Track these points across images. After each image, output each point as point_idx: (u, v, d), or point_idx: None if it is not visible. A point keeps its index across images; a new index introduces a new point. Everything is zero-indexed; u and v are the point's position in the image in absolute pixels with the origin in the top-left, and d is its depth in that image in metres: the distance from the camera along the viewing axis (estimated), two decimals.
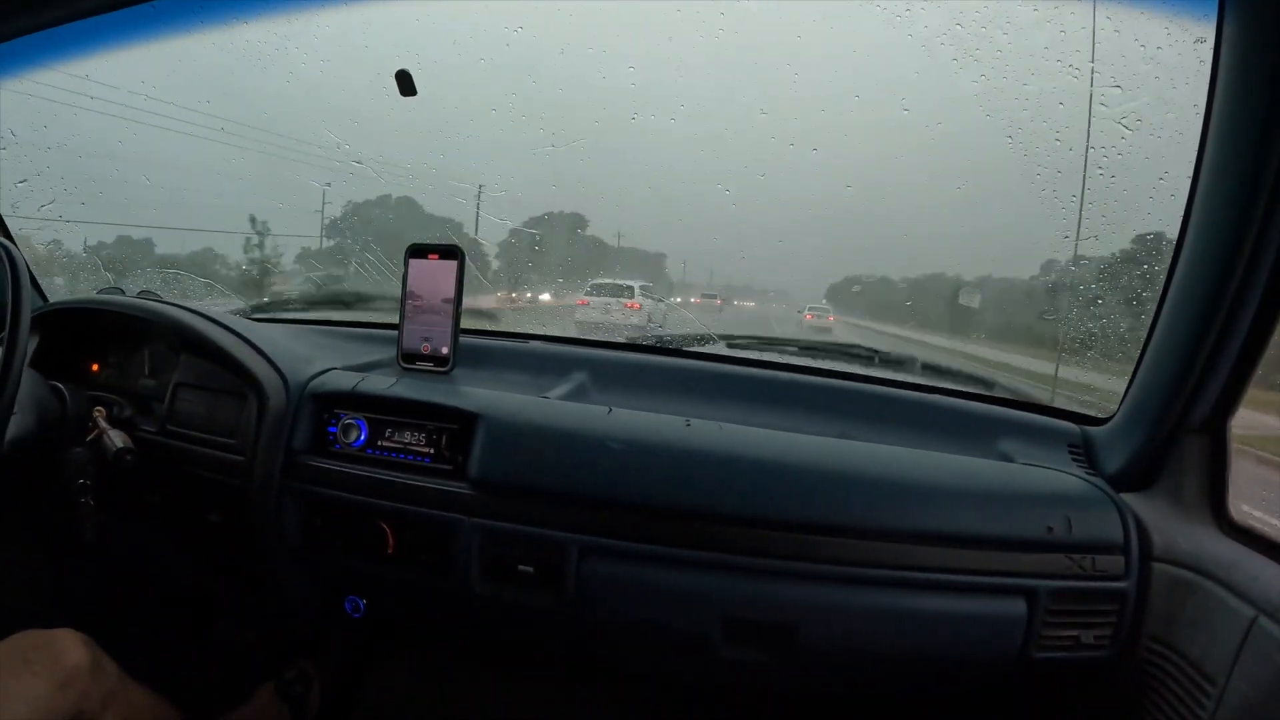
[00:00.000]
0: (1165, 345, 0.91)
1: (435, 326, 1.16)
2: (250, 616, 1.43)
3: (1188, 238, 0.87)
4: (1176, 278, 0.89)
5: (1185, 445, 0.91)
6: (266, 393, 1.06)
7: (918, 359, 1.25)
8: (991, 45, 1.05)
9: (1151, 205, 0.97)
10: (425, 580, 0.99)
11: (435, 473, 0.99)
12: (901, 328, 2.13)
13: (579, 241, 2.61)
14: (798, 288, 2.72)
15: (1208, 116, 0.83)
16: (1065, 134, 1.07)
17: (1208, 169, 0.84)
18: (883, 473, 0.92)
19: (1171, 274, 0.90)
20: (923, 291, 1.87)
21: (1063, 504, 0.90)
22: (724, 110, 1.43)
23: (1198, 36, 0.82)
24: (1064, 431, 1.08)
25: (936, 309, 1.83)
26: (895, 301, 2.19)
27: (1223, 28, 0.80)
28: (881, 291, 2.24)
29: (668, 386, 1.23)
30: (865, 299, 2.41)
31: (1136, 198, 1.01)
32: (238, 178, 2.03)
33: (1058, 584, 0.87)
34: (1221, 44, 0.80)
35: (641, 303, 2.68)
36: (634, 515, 0.90)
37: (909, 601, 0.87)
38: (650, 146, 1.59)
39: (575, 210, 2.46)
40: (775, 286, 2.88)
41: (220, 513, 1.09)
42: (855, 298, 2.48)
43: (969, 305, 1.56)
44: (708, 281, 3.16)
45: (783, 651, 0.89)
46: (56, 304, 1.30)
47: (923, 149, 1.28)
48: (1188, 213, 0.87)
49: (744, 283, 3.08)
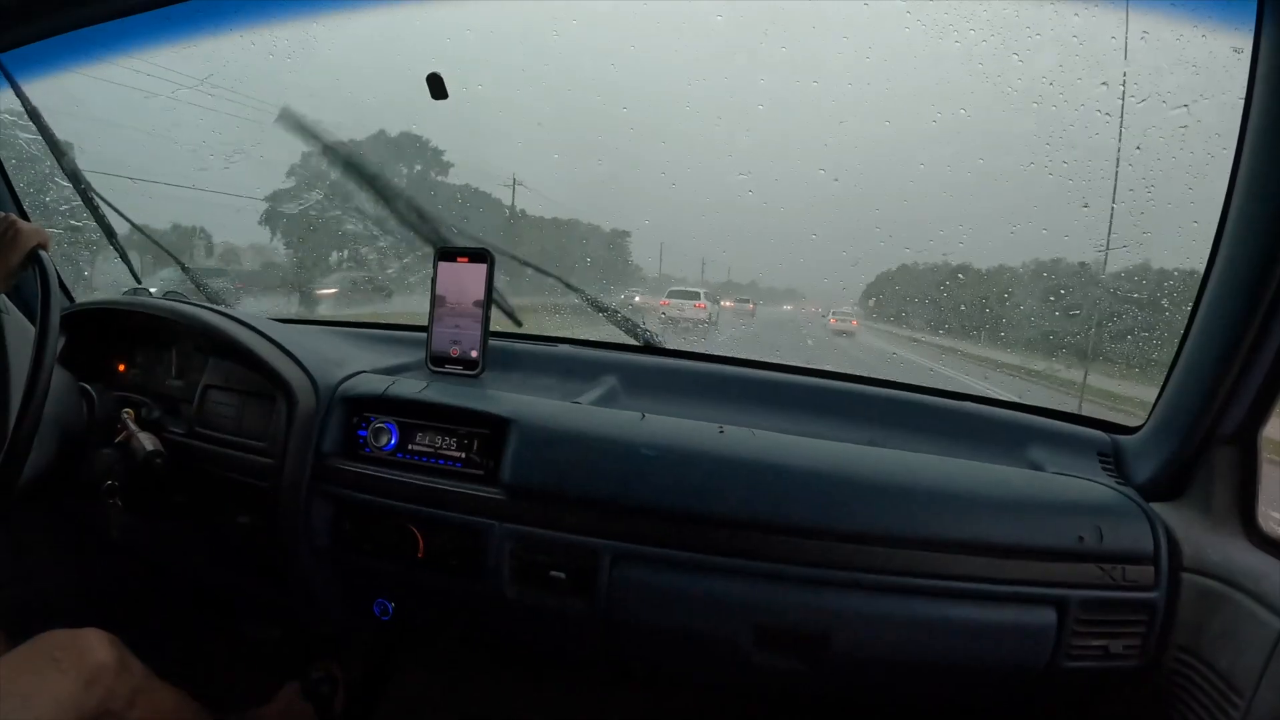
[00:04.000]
0: (1197, 356, 0.91)
1: (464, 329, 1.17)
2: (276, 617, 1.44)
3: (1222, 248, 0.87)
4: (1210, 288, 0.89)
5: (1216, 456, 0.91)
6: (296, 395, 1.06)
7: (929, 387, 1.24)
8: (1026, 54, 1.05)
9: (1186, 215, 0.97)
10: (455, 584, 1.00)
11: (467, 477, 1.00)
12: (925, 333, 2.13)
13: (618, 248, 2.96)
14: (823, 291, 2.80)
15: (1244, 127, 0.83)
16: (1099, 144, 1.07)
17: (1243, 179, 0.83)
18: (913, 481, 0.92)
19: (1205, 284, 0.90)
20: (950, 299, 1.87)
21: (1093, 513, 0.90)
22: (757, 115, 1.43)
23: (1235, 46, 0.82)
24: (1094, 440, 1.08)
25: (964, 316, 1.82)
26: (922, 308, 2.20)
27: (1260, 38, 0.80)
28: (908, 297, 2.24)
29: (697, 391, 1.23)
30: (892, 305, 2.42)
31: (1171, 208, 1.01)
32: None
33: (1088, 594, 0.87)
34: (1259, 55, 0.80)
35: (705, 304, 3.22)
36: (667, 522, 0.91)
37: (940, 610, 0.87)
38: (683, 152, 1.59)
39: (611, 218, 2.71)
40: (803, 290, 2.97)
41: (249, 514, 1.10)
42: (881, 303, 2.51)
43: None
44: (734, 285, 3.40)
45: (814, 659, 0.90)
46: (83, 304, 1.30)
47: (954, 158, 1.28)
48: (1222, 222, 0.87)
49: (780, 286, 3.20)
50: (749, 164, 1.52)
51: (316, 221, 2.84)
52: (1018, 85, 1.09)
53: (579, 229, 2.85)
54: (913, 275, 2.10)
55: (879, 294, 2.38)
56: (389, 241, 2.24)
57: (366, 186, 1.31)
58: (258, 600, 1.34)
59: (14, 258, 0.96)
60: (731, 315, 3.20)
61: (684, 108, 1.55)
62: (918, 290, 2.05)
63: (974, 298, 1.73)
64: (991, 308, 1.60)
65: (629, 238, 3.01)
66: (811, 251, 1.58)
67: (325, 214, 2.53)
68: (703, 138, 1.52)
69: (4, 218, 0.97)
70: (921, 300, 2.01)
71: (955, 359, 1.38)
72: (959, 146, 1.23)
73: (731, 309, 3.29)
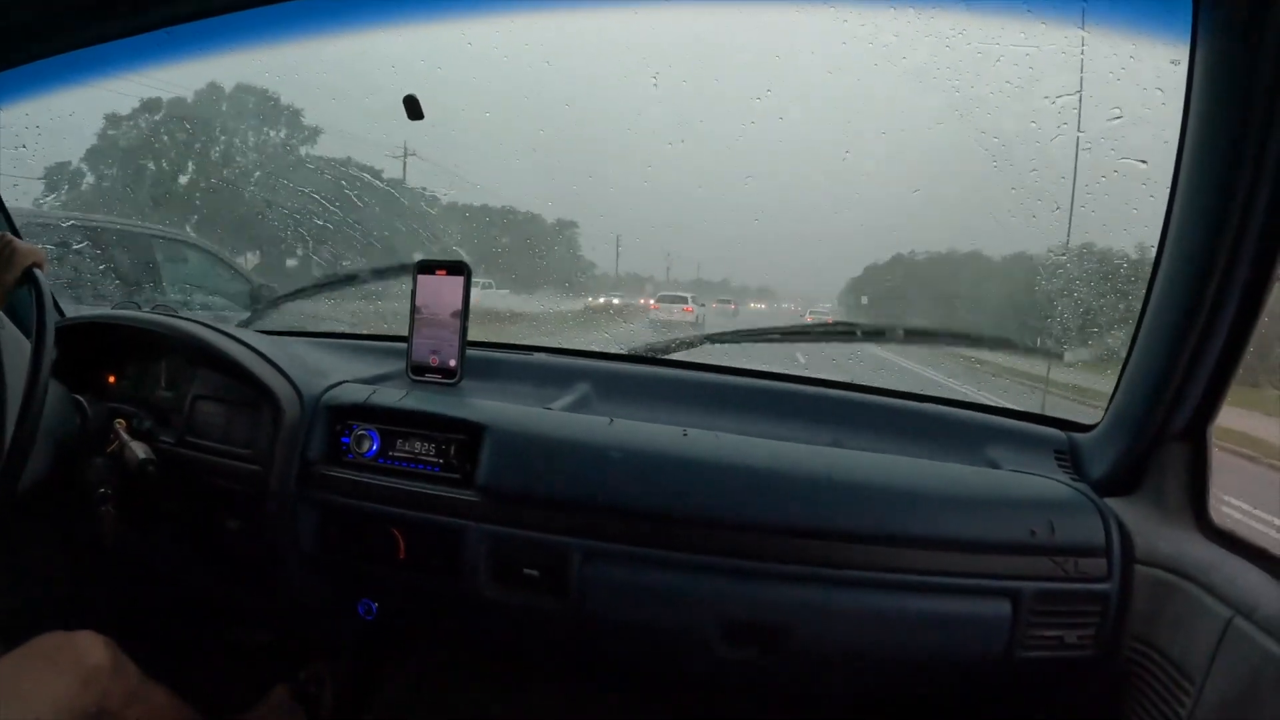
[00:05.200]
0: (1147, 353, 0.94)
1: (443, 340, 1.20)
2: (265, 620, 1.47)
3: (1166, 248, 0.90)
4: (1156, 288, 0.92)
5: (1168, 451, 0.94)
6: (281, 405, 1.10)
7: (899, 327, 1.29)
8: (980, 66, 1.09)
9: (1136, 218, 1.00)
10: (435, 584, 1.03)
11: (444, 481, 1.03)
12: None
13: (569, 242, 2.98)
14: (796, 290, 2.86)
15: (1183, 132, 0.86)
16: (1053, 153, 1.10)
17: (1184, 182, 0.87)
18: (872, 479, 0.95)
19: (1152, 284, 0.93)
20: (922, 298, 1.90)
21: (1046, 509, 0.93)
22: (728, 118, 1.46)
23: (1172, 58, 0.86)
24: (1050, 438, 1.11)
25: (934, 313, 1.85)
26: (897, 308, 2.23)
27: (1195, 50, 0.83)
28: (883, 296, 2.28)
29: (667, 397, 1.26)
30: (870, 305, 2.47)
31: (1122, 211, 1.04)
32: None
33: (1041, 585, 0.90)
34: (1195, 65, 0.83)
35: (693, 307, 3.36)
36: (634, 521, 0.94)
37: (898, 602, 0.90)
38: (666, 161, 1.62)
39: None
40: (775, 289, 3.04)
41: (238, 520, 1.13)
42: (858, 301, 2.56)
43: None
44: (704, 283, 3.46)
45: (777, 651, 0.93)
46: (73, 319, 1.34)
47: (917, 165, 1.32)
48: (1166, 224, 0.90)
49: (754, 284, 3.28)
50: (722, 164, 1.56)
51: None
52: (973, 94, 1.12)
53: (523, 221, 2.79)
54: (881, 274, 2.13)
55: (862, 292, 2.42)
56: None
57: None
58: (247, 604, 1.37)
59: (9, 275, 0.99)
60: (715, 315, 3.28)
61: (647, 110, 1.58)
62: (891, 289, 2.08)
63: (941, 294, 1.76)
64: (959, 305, 1.63)
65: (576, 228, 3.02)
66: (786, 251, 1.61)
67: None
68: (672, 139, 1.54)
69: (1, 236, 1.01)
70: (895, 298, 2.04)
71: (925, 354, 1.41)
72: (921, 152, 1.27)
73: (716, 310, 3.38)
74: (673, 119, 1.58)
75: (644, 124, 1.65)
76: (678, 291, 3.41)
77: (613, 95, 1.60)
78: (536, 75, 1.51)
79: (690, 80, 1.46)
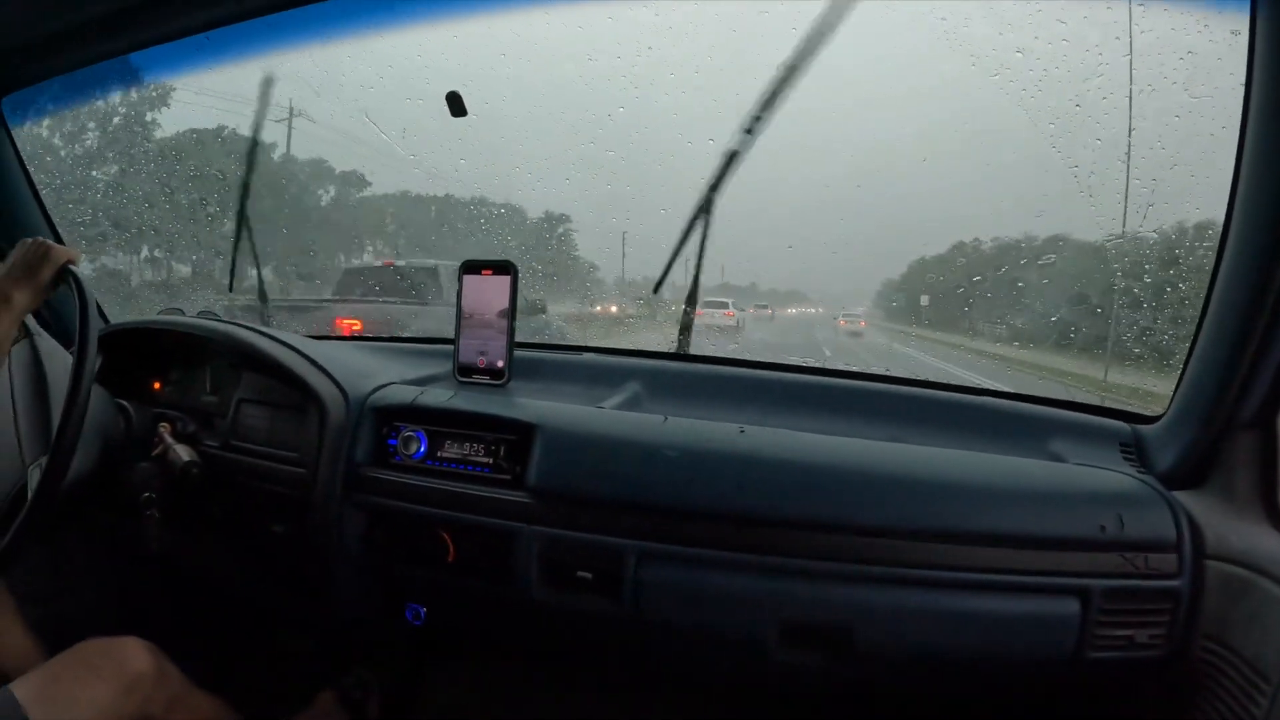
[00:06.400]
0: (1213, 340, 0.91)
1: (490, 340, 1.19)
2: (311, 625, 1.47)
3: (1232, 230, 0.87)
4: (1222, 271, 0.89)
5: (1236, 441, 0.90)
6: (327, 407, 1.10)
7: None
8: (1031, 49, 1.06)
9: (1198, 200, 0.97)
10: (485, 587, 1.02)
11: (494, 482, 1.02)
12: (935, 331, 2.12)
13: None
14: (827, 293, 2.86)
15: (1246, 108, 0.83)
16: (1106, 135, 1.08)
17: (1249, 158, 0.84)
18: (935, 475, 0.93)
19: (1217, 268, 0.90)
20: (962, 297, 1.86)
21: (1114, 503, 0.90)
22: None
23: (1232, 29, 0.83)
24: (1115, 430, 1.08)
25: (975, 313, 1.82)
26: (932, 307, 2.20)
27: (1256, 18, 0.80)
28: (918, 297, 2.26)
29: (719, 395, 1.24)
30: (905, 307, 2.45)
31: (1183, 194, 1.01)
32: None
33: (1111, 583, 0.87)
34: (1256, 35, 0.81)
35: (733, 312, 3.50)
36: (690, 521, 0.92)
37: (963, 602, 0.88)
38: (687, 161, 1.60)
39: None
40: (806, 293, 3.06)
41: (283, 524, 1.13)
42: (893, 303, 2.54)
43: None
44: (730, 288, 3.53)
45: (838, 654, 0.91)
46: (119, 325, 1.35)
47: (963, 155, 1.29)
48: (1230, 205, 0.87)
49: (782, 288, 3.31)
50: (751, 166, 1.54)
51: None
52: (1022, 79, 1.09)
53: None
54: (923, 275, 2.10)
55: (897, 294, 2.39)
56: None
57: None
58: (293, 609, 1.37)
59: (45, 273, 0.99)
60: (752, 320, 3.36)
61: (677, 109, 1.56)
62: (933, 289, 2.05)
63: (989, 290, 1.72)
64: (1007, 301, 1.59)
65: (569, 221, 3.00)
66: (817, 254, 1.59)
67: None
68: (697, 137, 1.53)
69: (37, 241, 1.01)
70: (941, 296, 2.00)
71: (967, 356, 1.39)
72: (962, 143, 1.24)
73: (753, 315, 3.46)
74: (696, 116, 1.56)
75: (665, 121, 1.64)
76: (720, 298, 3.49)
77: (641, 94, 1.58)
78: (564, 74, 1.50)
79: (721, 75, 1.44)
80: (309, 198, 2.35)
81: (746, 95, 1.25)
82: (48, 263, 1.00)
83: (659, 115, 1.62)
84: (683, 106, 1.57)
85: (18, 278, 0.98)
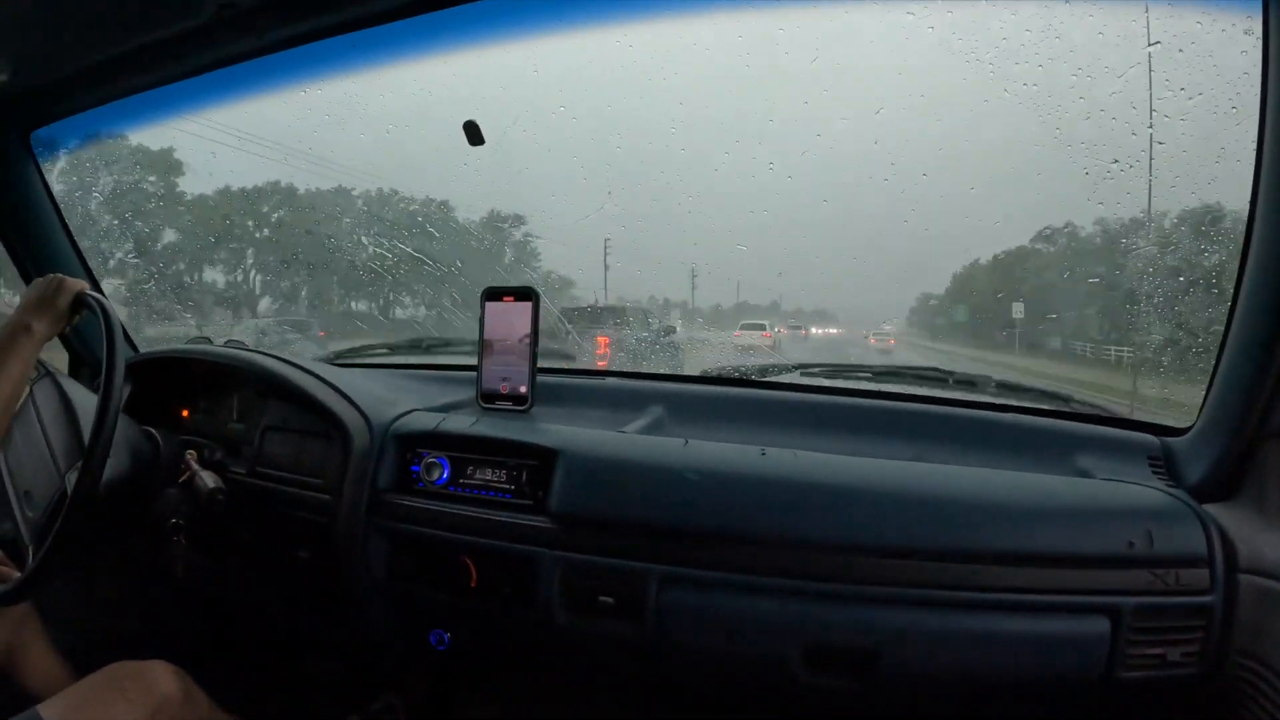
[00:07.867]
0: (1240, 350, 0.90)
1: (513, 366, 1.20)
2: (337, 650, 1.48)
3: (1254, 238, 0.87)
4: (1246, 279, 0.88)
5: (1268, 451, 0.89)
6: (351, 434, 1.11)
7: (992, 378, 1.24)
8: (1048, 54, 1.05)
9: (1216, 200, 0.96)
10: (508, 612, 1.02)
11: (516, 508, 1.03)
12: (965, 347, 2.10)
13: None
14: (855, 312, 2.86)
15: (1263, 108, 0.83)
16: (1126, 141, 1.07)
17: (1269, 161, 0.83)
18: (960, 494, 0.92)
19: (1240, 278, 0.89)
20: (987, 312, 1.85)
21: (1143, 518, 0.88)
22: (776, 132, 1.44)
23: (1245, 29, 0.82)
24: (1143, 444, 1.06)
25: (1000, 329, 1.80)
26: (960, 322, 2.18)
27: (1269, 18, 0.80)
28: (947, 312, 2.24)
29: (743, 417, 1.24)
30: (937, 322, 2.43)
31: (1202, 198, 1.00)
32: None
33: (1141, 600, 0.86)
34: (1270, 35, 0.80)
35: (770, 333, 3.54)
36: (713, 544, 0.92)
37: (991, 623, 0.86)
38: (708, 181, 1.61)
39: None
40: (833, 312, 3.07)
41: (308, 550, 1.14)
42: (925, 320, 2.53)
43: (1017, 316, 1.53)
44: (749, 307, 3.53)
45: (865, 678, 0.90)
46: (147, 354, 1.38)
47: (992, 165, 1.28)
48: (1252, 213, 0.86)
49: (808, 308, 3.32)
50: (772, 183, 1.53)
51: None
52: (1040, 86, 1.09)
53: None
54: (952, 293, 2.08)
55: (928, 312, 2.37)
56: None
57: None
58: (318, 634, 1.38)
59: (62, 301, 1.04)
60: (787, 341, 3.38)
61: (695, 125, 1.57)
62: (956, 308, 2.03)
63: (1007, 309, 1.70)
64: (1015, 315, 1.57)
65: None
66: (841, 269, 1.58)
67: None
68: (718, 157, 1.53)
69: (50, 276, 1.07)
70: (959, 316, 1.98)
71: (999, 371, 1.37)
72: (982, 156, 1.24)
73: (788, 336, 3.47)
74: (717, 133, 1.57)
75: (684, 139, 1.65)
76: (757, 320, 3.52)
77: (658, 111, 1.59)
78: (585, 95, 1.51)
79: (739, 92, 1.45)
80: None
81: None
82: (63, 292, 1.04)
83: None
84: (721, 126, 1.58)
85: (35, 308, 1.03)
